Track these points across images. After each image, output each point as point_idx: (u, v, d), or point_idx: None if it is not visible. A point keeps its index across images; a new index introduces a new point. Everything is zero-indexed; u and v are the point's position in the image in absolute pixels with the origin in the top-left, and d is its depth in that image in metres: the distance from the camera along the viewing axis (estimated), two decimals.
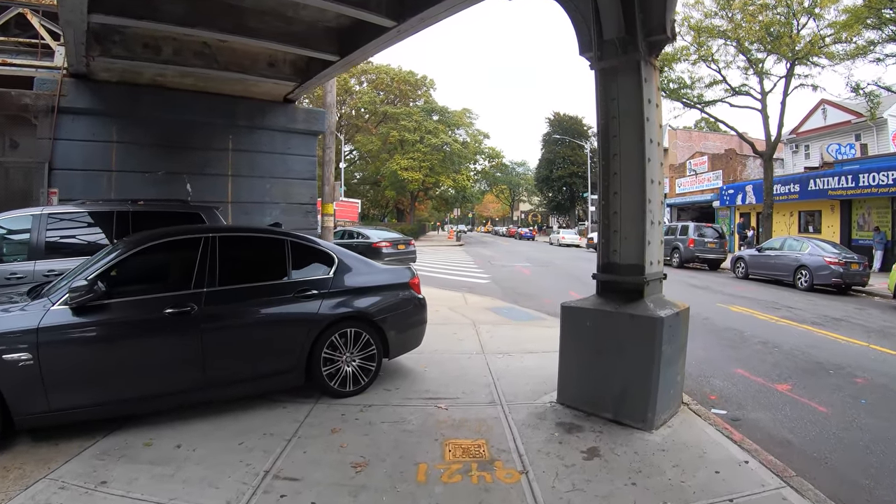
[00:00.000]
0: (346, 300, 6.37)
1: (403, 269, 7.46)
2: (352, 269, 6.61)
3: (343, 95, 62.05)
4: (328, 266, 6.46)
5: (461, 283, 18.66)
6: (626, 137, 5.63)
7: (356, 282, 6.55)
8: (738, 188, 38.09)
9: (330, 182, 15.89)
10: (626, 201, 5.62)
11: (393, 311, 6.71)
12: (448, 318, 11.37)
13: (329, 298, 6.23)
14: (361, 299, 6.49)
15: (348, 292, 6.42)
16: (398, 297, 6.88)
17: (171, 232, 6.26)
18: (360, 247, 21.10)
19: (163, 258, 6.11)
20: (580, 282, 19.17)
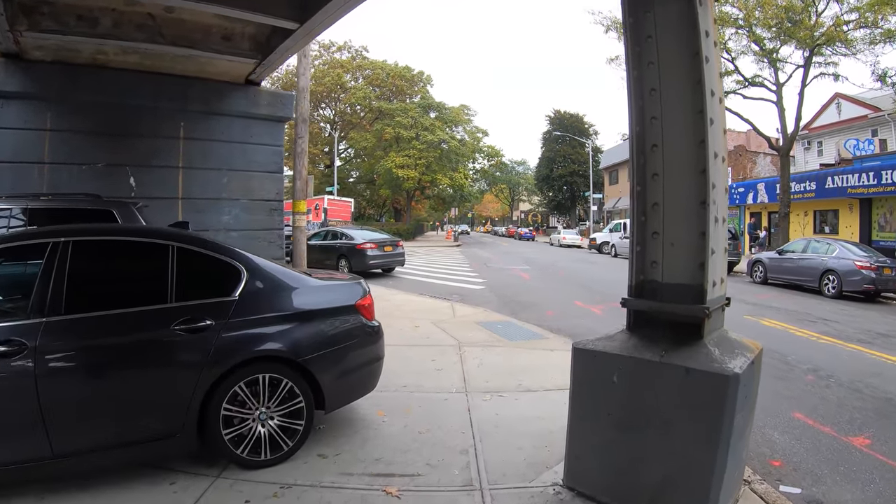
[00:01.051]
0: (256, 334, 4.47)
1: (349, 286, 5.52)
2: (268, 288, 4.70)
3: (337, 91, 60.17)
4: (232, 283, 4.52)
5: (452, 290, 16.72)
6: (672, 91, 3.68)
7: (274, 306, 4.65)
8: (748, 186, 36.18)
9: (302, 176, 13.99)
10: (672, 187, 3.65)
11: (329, 346, 4.76)
12: (429, 336, 9.43)
13: (230, 331, 4.33)
14: (280, 332, 4.57)
15: (260, 322, 4.51)
16: (338, 327, 4.95)
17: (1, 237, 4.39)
18: (344, 248, 19.32)
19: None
20: (586, 289, 17.26)
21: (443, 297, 14.65)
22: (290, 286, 4.83)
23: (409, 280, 19.43)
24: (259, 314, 4.51)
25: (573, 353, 3.98)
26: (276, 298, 4.68)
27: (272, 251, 12.51)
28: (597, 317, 12.49)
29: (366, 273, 19.57)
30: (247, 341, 4.39)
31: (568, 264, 27.92)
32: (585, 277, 20.98)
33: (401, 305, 12.63)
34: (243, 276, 4.56)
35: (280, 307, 4.65)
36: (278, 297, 4.70)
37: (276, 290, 4.72)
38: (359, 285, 5.46)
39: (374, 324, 5.35)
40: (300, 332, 4.64)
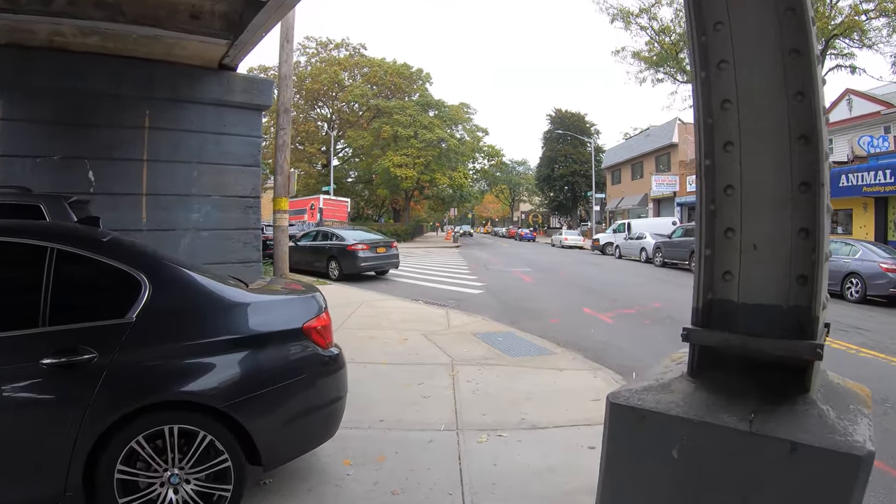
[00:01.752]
0: (159, 370, 3.26)
1: (297, 302, 4.17)
2: (179, 307, 3.46)
3: (334, 89, 58.97)
4: (129, 300, 3.28)
5: (448, 294, 15.50)
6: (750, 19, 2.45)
7: (187, 331, 3.43)
8: None
9: (283, 171, 12.81)
10: (755, 162, 2.42)
11: (265, 386, 3.47)
12: (418, 351, 8.18)
13: (122, 367, 3.13)
14: (195, 367, 3.33)
15: (166, 353, 3.30)
16: (278, 359, 3.67)
17: None
18: (335, 249, 18.15)
19: None
20: (592, 293, 16.03)
21: (438, 303, 13.45)
22: (213, 303, 3.57)
23: (402, 283, 18.22)
24: (165, 342, 3.31)
25: (609, 408, 2.70)
26: (192, 320, 3.45)
27: (247, 253, 11.33)
28: (607, 326, 11.27)
29: (358, 276, 18.42)
30: (146, 380, 3.19)
31: (571, 266, 26.67)
32: (591, 280, 19.76)
33: (390, 313, 11.41)
34: (144, 289, 3.32)
35: (196, 333, 3.42)
36: (195, 318, 3.47)
37: (191, 308, 3.48)
38: (312, 300, 4.14)
39: (330, 352, 4.00)
40: (224, 366, 3.40)
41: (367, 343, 8.60)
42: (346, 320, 10.59)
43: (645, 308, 13.47)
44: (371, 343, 8.60)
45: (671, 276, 22.58)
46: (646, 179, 51.07)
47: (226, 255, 11.08)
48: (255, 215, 11.50)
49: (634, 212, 52.49)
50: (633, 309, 13.25)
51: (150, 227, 10.56)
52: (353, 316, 11.08)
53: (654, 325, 11.35)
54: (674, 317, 12.35)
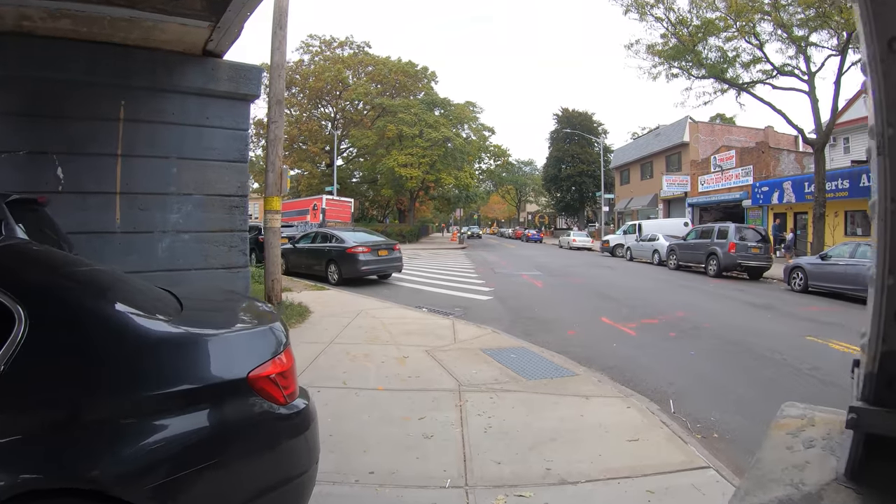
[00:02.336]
0: (30, 441, 2.15)
1: (246, 337, 2.97)
2: (68, 349, 2.36)
3: (338, 88, 57.98)
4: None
5: (454, 302, 14.42)
6: None
7: (72, 385, 2.31)
8: (773, 185, 33.83)
9: (275, 168, 11.73)
10: None
11: (189, 467, 2.35)
12: (419, 373, 7.09)
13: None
14: (83, 440, 2.22)
15: (39, 418, 2.22)
16: (210, 424, 2.51)
17: None
18: (334, 252, 17.12)
19: None
20: (609, 300, 14.93)
21: (443, 312, 12.39)
22: (121, 344, 2.45)
23: (405, 289, 17.16)
24: (40, 405, 2.23)
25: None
26: (80, 369, 2.34)
27: (233, 257, 10.27)
28: (630, 339, 10.17)
29: (358, 280, 17.38)
30: (10, 458, 2.11)
31: (583, 269, 25.55)
32: (605, 285, 18.65)
33: (390, 324, 10.34)
34: (19, 323, 2.25)
35: (90, 388, 2.33)
36: (90, 366, 2.36)
37: (86, 352, 2.38)
38: (266, 335, 2.98)
39: (293, 407, 2.86)
40: (128, 437, 2.30)
41: (361, 363, 7.54)
42: (340, 333, 9.55)
43: (668, 317, 12.38)
44: (366, 363, 7.53)
45: (688, 280, 21.48)
46: (656, 179, 49.98)
47: (209, 259, 10.02)
48: (241, 216, 10.43)
49: (644, 212, 51.40)
50: (656, 319, 12.15)
51: (124, 228, 9.51)
52: (349, 328, 10.02)
53: (682, 338, 10.26)
54: (700, 327, 11.30)
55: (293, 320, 10.47)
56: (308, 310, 11.62)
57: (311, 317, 11.09)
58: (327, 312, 11.68)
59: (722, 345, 9.75)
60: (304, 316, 11.02)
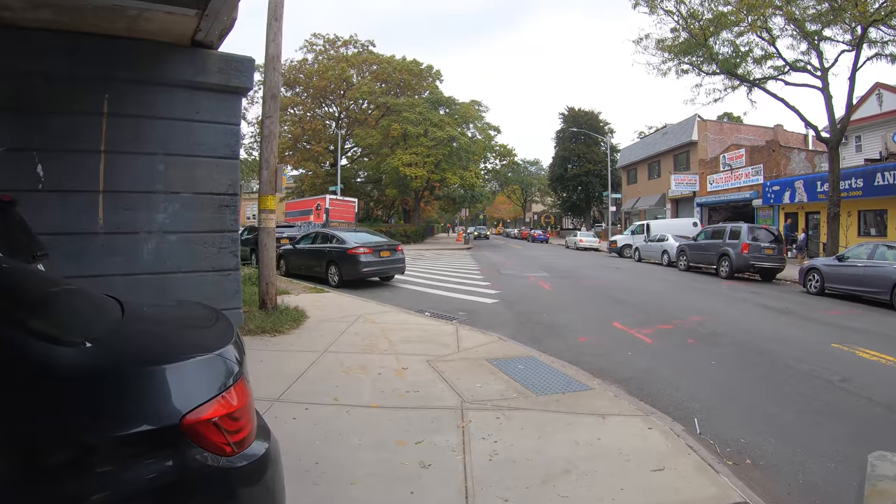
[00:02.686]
0: None
1: (184, 369, 2.25)
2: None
3: (342, 87, 57.42)
4: None
5: (458, 305, 13.82)
6: None
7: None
8: (784, 184, 33.14)
9: (270, 165, 11.18)
10: None
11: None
12: (419, 388, 6.47)
13: None
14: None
15: None
16: (123, 493, 1.85)
17: None
18: (334, 253, 16.56)
19: None
20: (620, 303, 14.33)
21: (446, 317, 11.78)
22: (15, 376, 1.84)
23: (408, 291, 16.57)
24: None
25: None
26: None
27: (223, 260, 9.69)
28: (646, 347, 9.54)
29: (360, 282, 16.81)
30: None
31: (591, 270, 24.89)
32: (615, 287, 18.01)
33: (389, 330, 9.74)
34: None
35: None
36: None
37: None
38: (214, 365, 2.34)
39: (247, 457, 2.23)
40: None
41: (356, 375, 6.94)
42: (335, 340, 8.97)
43: (683, 322, 11.76)
44: (361, 375, 6.93)
45: (699, 281, 20.85)
46: (663, 179, 49.30)
47: (197, 262, 9.44)
48: (231, 216, 9.85)
49: (651, 212, 50.73)
50: (671, 324, 11.53)
51: (107, 229, 8.94)
52: (346, 335, 9.43)
53: (700, 346, 9.63)
54: (718, 332, 10.68)
55: (287, 326, 9.89)
56: (304, 314, 11.04)
57: (306, 322, 10.51)
58: (324, 317, 11.10)
59: (743, 353, 9.12)
60: (299, 321, 10.43)
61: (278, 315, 10.48)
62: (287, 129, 59.06)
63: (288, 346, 8.56)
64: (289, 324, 10.07)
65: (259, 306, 11.22)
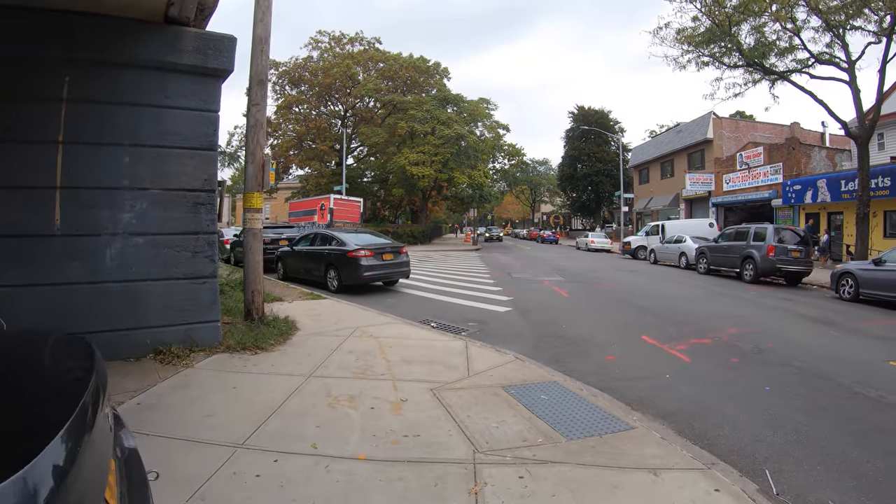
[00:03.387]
0: None
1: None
2: None
3: (347, 84, 56.23)
4: None
5: (467, 314, 12.58)
6: None
7: None
8: (806, 183, 31.73)
9: (256, 159, 9.98)
10: None
11: None
12: (419, 429, 5.19)
13: None
14: None
15: None
16: None
17: None
18: (333, 256, 15.37)
19: None
20: (646, 312, 13.06)
21: (454, 329, 10.55)
22: None
23: (413, 297, 15.34)
24: None
25: None
26: None
27: (198, 265, 8.49)
28: (686, 369, 8.26)
29: (361, 287, 15.61)
30: None
31: (608, 274, 23.57)
32: (636, 293, 16.71)
33: (388, 347, 8.50)
34: None
35: None
36: None
37: None
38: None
39: None
40: None
41: (343, 409, 5.68)
42: (325, 360, 7.75)
43: (720, 335, 10.49)
44: (350, 409, 5.67)
45: (724, 286, 19.54)
46: (677, 178, 47.96)
47: (168, 268, 8.22)
48: (208, 215, 8.62)
49: (664, 213, 49.38)
50: (706, 337, 10.25)
51: (65, 231, 7.73)
52: (339, 352, 8.21)
53: (747, 366, 8.34)
54: (762, 349, 9.41)
55: (272, 341, 8.69)
56: (294, 326, 9.85)
57: (295, 336, 9.30)
58: (316, 329, 9.88)
59: (798, 376, 7.82)
60: (287, 334, 9.23)
61: (264, 328, 9.29)
62: (292, 127, 57.98)
63: (269, 368, 7.34)
64: (274, 338, 8.86)
65: (244, 317, 10.03)
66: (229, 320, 9.96)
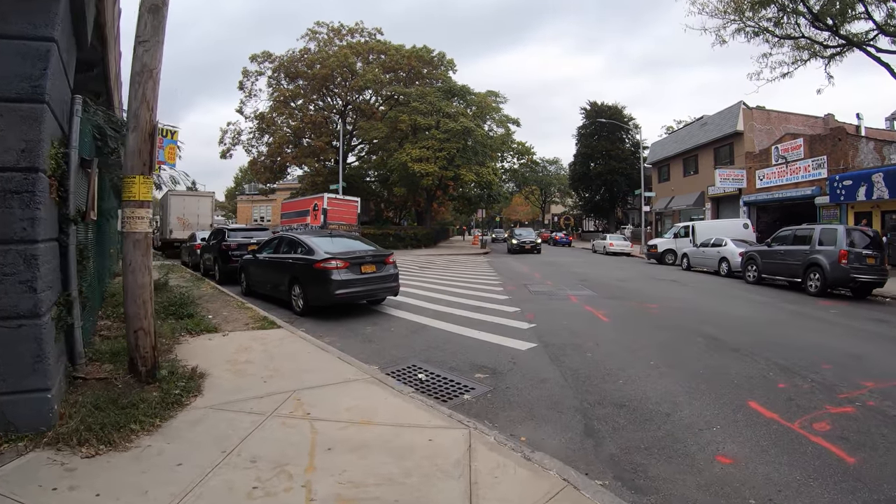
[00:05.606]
0: None
1: None
2: None
3: (345, 75, 52.51)
4: None
5: (472, 354, 8.84)
6: None
7: None
8: (859, 177, 27.74)
9: (141, 124, 6.34)
10: None
11: None
12: None
13: None
14: None
15: None
16: None
17: None
18: (298, 267, 11.76)
19: None
20: (728, 348, 9.20)
21: (449, 393, 6.81)
22: None
23: (400, 323, 11.55)
24: None
25: None
26: None
27: (9, 298, 4.83)
28: (856, 476, 4.55)
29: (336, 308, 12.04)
30: None
31: (643, 285, 19.63)
32: (694, 315, 12.75)
33: (327, 450, 4.71)
34: None
35: None
36: None
37: None
38: None
39: None
40: None
41: None
42: (203, 480, 4.06)
43: (855, 393, 6.76)
44: None
45: (791, 301, 15.80)
46: (702, 175, 44.07)
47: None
48: (27, 211, 4.98)
49: (687, 213, 45.51)
50: (844, 402, 6.49)
51: None
52: (236, 455, 4.50)
53: None
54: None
55: (144, 421, 5.10)
56: (199, 387, 6.21)
57: (188, 408, 5.64)
58: (230, 393, 6.16)
59: None
60: (176, 406, 5.57)
61: (143, 394, 5.63)
62: (287, 122, 54.34)
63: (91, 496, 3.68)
64: (151, 415, 5.24)
65: (128, 369, 6.37)
66: (107, 373, 6.36)
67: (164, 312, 10.51)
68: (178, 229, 32.55)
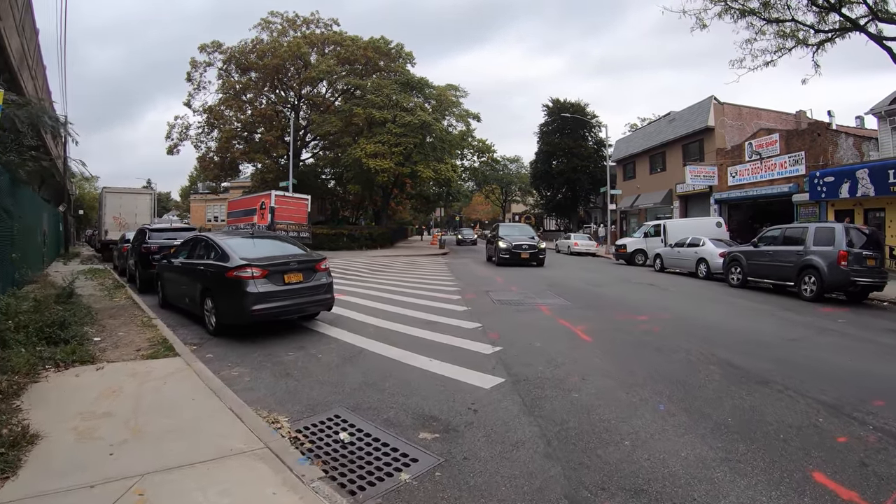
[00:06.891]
0: None
1: None
2: None
3: (297, 66, 49.77)
4: None
5: (418, 398, 6.49)
6: None
7: None
8: (841, 174, 26.16)
9: None
10: None
11: None
12: None
13: None
14: None
15: None
16: None
17: None
18: (209, 276, 9.27)
19: None
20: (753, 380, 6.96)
21: (379, 466, 4.53)
22: None
23: (333, 345, 9.10)
24: None
25: None
26: None
27: None
28: None
29: (255, 327, 9.72)
30: None
31: (619, 290, 17.42)
32: (695, 332, 10.49)
33: None
34: None
35: None
36: None
37: None
38: None
39: None
40: None
41: None
42: None
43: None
44: None
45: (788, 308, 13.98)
46: (669, 172, 42.46)
47: None
48: None
49: (654, 211, 43.91)
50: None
51: None
52: None
53: None
54: None
55: None
56: (17, 461, 4.12)
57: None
58: (51, 480, 3.80)
59: None
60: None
61: None
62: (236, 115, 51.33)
63: None
64: None
65: None
66: None
67: (37, 336, 8.04)
68: (114, 230, 29.62)
